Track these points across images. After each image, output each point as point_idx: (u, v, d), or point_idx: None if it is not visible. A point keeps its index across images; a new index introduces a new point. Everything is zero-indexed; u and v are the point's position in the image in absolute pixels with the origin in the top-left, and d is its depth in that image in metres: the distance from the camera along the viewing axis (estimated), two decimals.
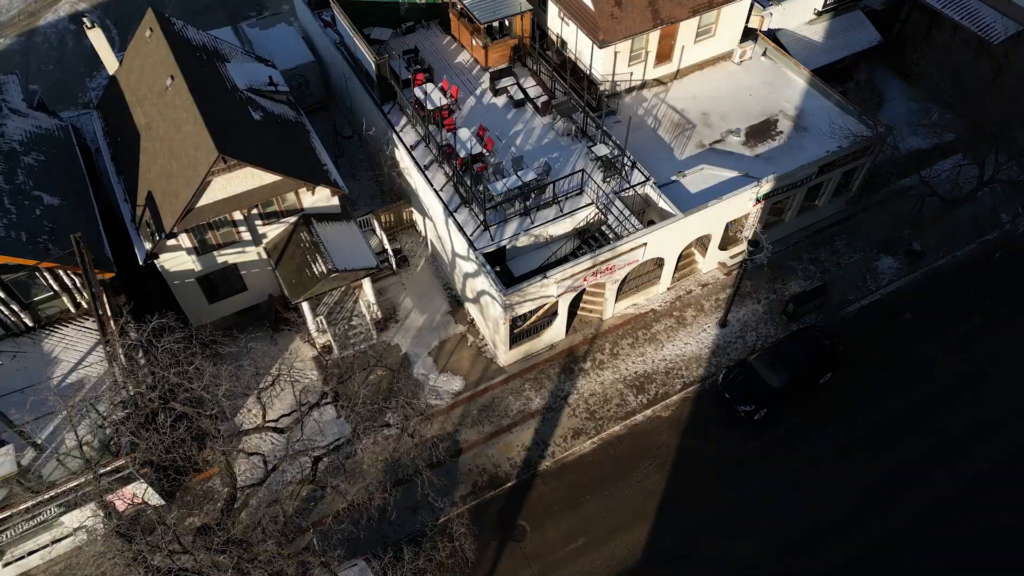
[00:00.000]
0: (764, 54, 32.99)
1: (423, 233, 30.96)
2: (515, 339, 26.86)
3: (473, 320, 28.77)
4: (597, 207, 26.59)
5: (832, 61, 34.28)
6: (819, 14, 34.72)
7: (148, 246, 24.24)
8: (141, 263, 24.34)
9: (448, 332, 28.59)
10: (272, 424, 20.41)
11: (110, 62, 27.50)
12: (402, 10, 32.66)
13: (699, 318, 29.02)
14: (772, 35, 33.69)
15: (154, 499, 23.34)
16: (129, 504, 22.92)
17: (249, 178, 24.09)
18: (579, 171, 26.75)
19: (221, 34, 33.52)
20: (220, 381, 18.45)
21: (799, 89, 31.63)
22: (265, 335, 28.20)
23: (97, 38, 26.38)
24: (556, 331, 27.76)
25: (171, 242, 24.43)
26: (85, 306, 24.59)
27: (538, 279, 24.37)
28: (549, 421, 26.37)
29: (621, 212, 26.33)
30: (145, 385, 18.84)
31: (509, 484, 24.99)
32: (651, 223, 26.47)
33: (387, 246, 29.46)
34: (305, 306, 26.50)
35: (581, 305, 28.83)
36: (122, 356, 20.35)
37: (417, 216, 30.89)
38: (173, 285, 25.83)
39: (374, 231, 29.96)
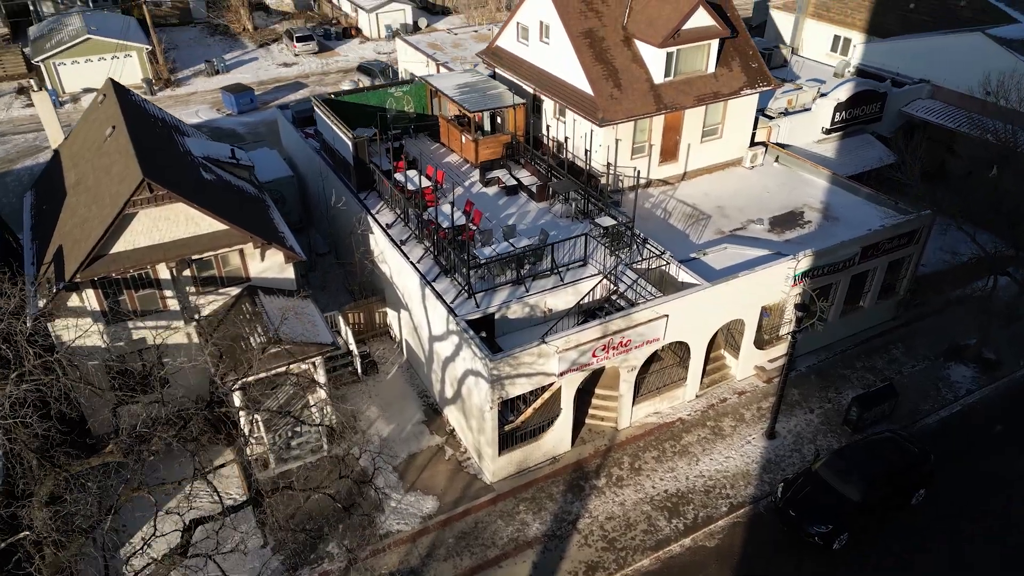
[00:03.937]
0: (776, 160, 30.58)
1: (397, 336, 25.93)
2: (506, 442, 20.69)
3: (453, 430, 22.67)
4: (605, 276, 22.03)
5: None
6: (827, 132, 33.12)
7: (42, 303, 19.26)
8: (28, 326, 19.13)
9: (421, 444, 22.35)
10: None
11: (54, 133, 24.68)
12: (389, 115, 30.85)
13: (740, 428, 22.95)
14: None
15: None
16: None
17: (182, 222, 19.88)
18: (582, 235, 22.63)
19: None
20: None
21: (822, 187, 28.61)
22: (183, 452, 21.78)
23: (42, 102, 23.81)
24: (559, 437, 21.58)
25: (73, 301, 19.49)
26: None
27: (534, 344, 19.06)
28: (552, 552, 19.26)
29: (634, 281, 21.70)
30: None
31: None
32: None
33: (353, 348, 24.30)
34: (237, 400, 20.69)
35: (590, 412, 22.95)
36: None
37: (392, 317, 26.09)
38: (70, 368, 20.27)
39: (340, 333, 24.98)
